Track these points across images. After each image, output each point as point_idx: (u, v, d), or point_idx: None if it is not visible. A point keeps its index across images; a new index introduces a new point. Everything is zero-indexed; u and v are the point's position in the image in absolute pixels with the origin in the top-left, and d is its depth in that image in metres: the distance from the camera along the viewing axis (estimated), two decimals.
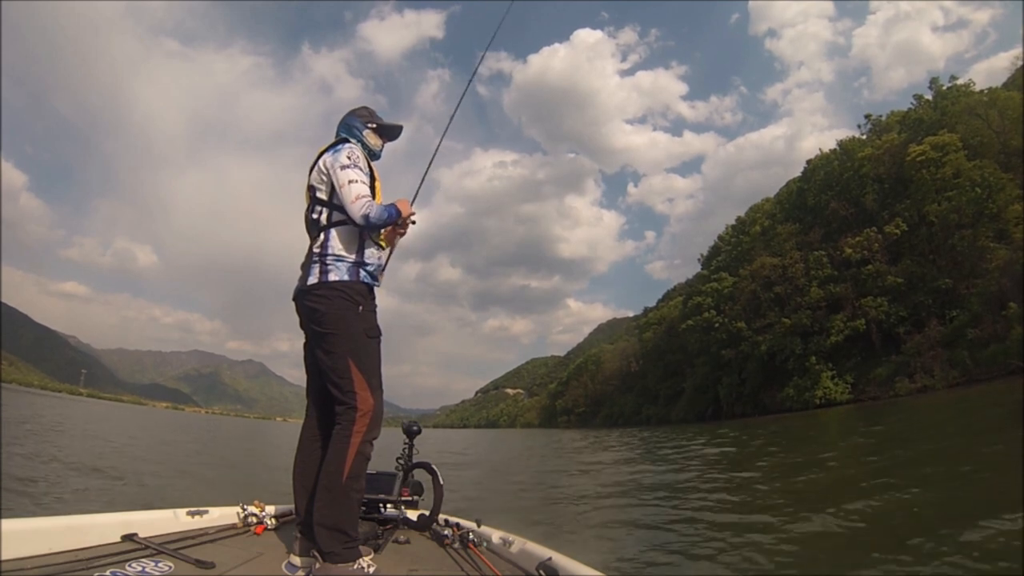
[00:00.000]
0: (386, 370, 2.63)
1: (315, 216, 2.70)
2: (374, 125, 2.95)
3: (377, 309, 2.71)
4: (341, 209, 2.59)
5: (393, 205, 2.67)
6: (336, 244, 2.61)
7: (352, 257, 2.61)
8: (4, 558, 1.98)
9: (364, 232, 2.65)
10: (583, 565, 2.42)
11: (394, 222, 2.68)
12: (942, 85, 57.19)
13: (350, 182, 2.54)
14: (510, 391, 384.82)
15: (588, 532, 8.16)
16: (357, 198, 2.51)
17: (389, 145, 3.11)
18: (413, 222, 2.93)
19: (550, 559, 2.47)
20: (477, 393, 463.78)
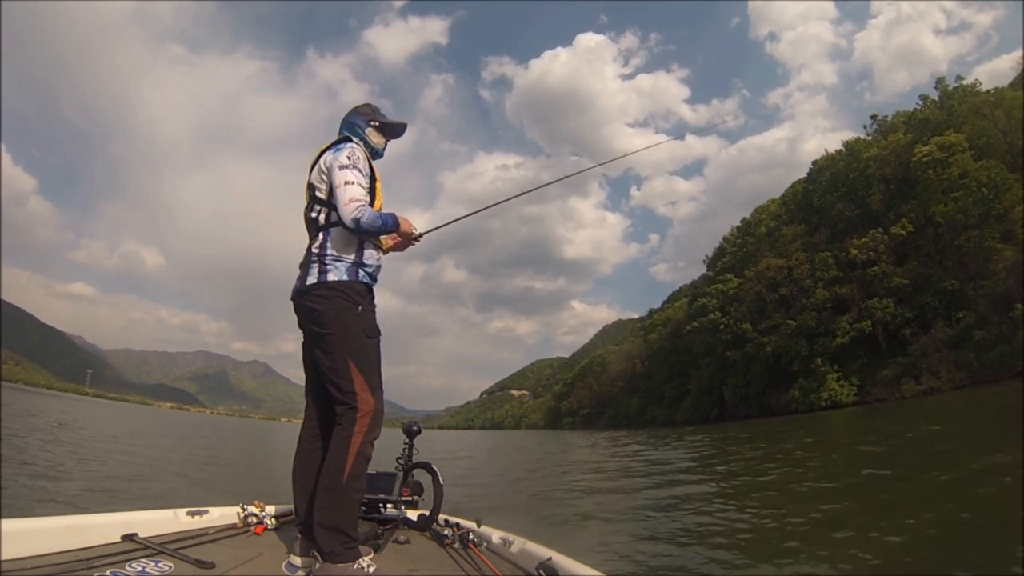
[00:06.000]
0: (391, 371, 2.62)
1: (314, 215, 2.68)
2: (377, 123, 2.92)
3: (377, 309, 2.69)
4: None
5: (392, 216, 2.64)
6: (335, 244, 2.60)
7: (351, 257, 2.59)
8: (4, 558, 1.99)
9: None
10: (583, 565, 2.41)
11: (388, 232, 2.66)
12: (948, 85, 56.98)
13: (346, 183, 2.53)
14: (515, 392, 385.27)
15: (588, 532, 8.15)
16: (350, 201, 2.49)
17: (394, 147, 3.09)
18: (417, 240, 2.91)
19: (550, 559, 2.46)
20: (482, 394, 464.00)
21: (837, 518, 7.68)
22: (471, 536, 2.90)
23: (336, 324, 2.50)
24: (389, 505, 3.30)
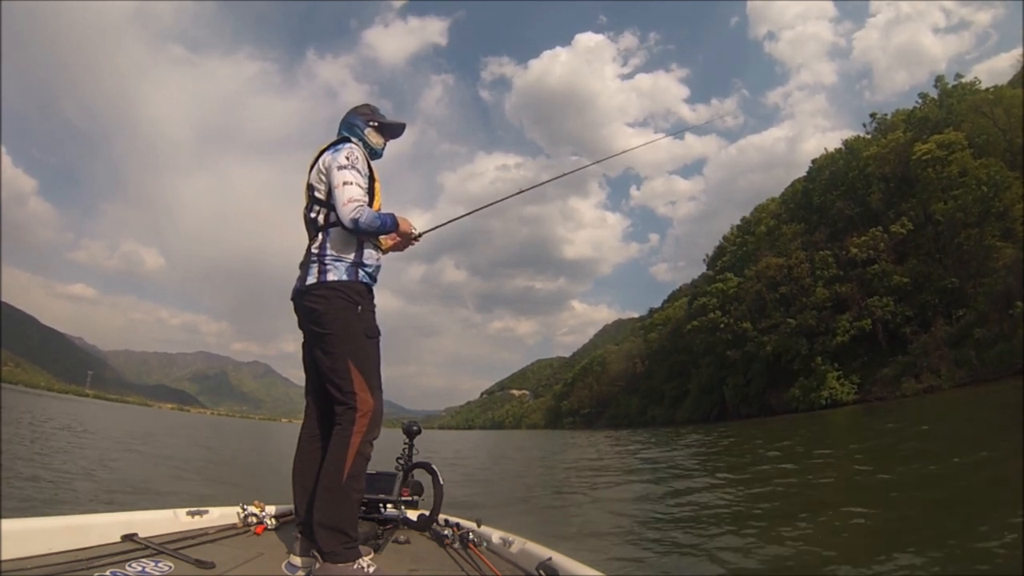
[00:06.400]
0: (392, 371, 2.62)
1: (313, 216, 2.69)
2: (376, 123, 2.93)
3: (377, 309, 2.70)
4: None
5: (391, 216, 2.65)
6: (335, 244, 2.60)
7: (351, 257, 2.60)
8: (4, 558, 1.99)
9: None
10: (583, 565, 2.41)
11: (387, 232, 2.66)
12: (947, 83, 56.98)
13: (345, 184, 2.53)
14: (515, 392, 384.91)
15: (589, 531, 8.15)
16: (349, 201, 2.49)
17: (394, 147, 3.09)
18: (417, 239, 2.92)
19: (550, 559, 2.46)
20: (482, 394, 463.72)
21: (836, 513, 7.70)
22: (471, 536, 2.90)
23: (336, 324, 2.50)
24: (389, 505, 3.30)
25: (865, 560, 5.62)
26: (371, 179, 2.70)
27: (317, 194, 2.68)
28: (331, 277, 2.54)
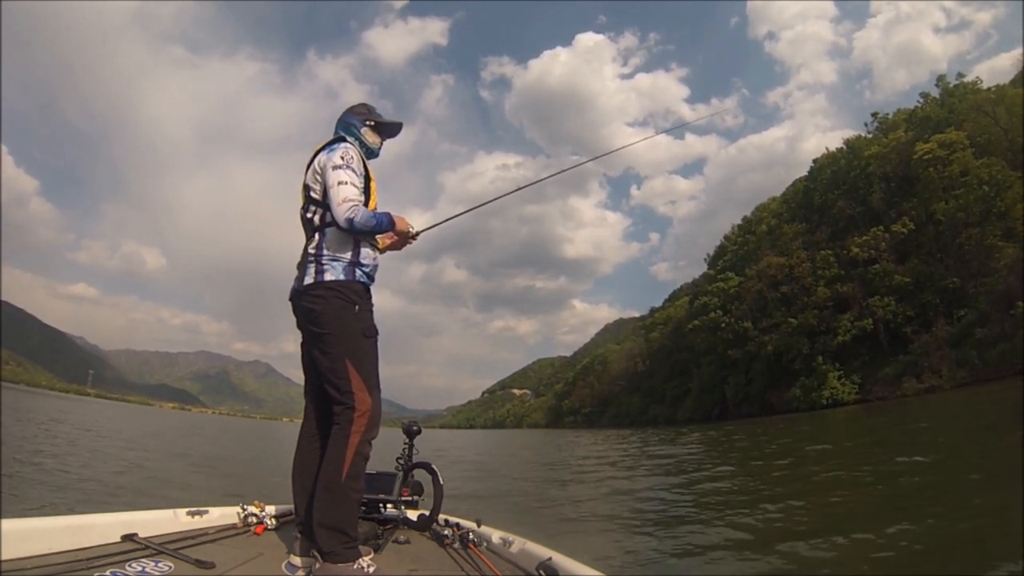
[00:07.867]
0: (393, 371, 2.57)
1: (309, 216, 2.68)
2: (372, 122, 2.91)
3: (376, 309, 2.70)
4: None
5: (387, 215, 2.64)
6: (331, 244, 2.59)
7: (348, 257, 2.59)
8: (4, 558, 1.99)
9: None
10: (583, 565, 2.41)
11: (382, 231, 2.66)
12: (949, 83, 56.97)
13: (340, 183, 2.52)
14: (516, 391, 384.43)
15: (589, 531, 8.14)
16: (344, 201, 2.48)
17: (393, 148, 3.08)
18: (414, 238, 2.92)
19: (550, 559, 2.46)
20: (483, 394, 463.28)
21: (838, 512, 7.70)
22: (471, 536, 2.90)
23: (334, 324, 2.50)
24: (389, 505, 3.30)
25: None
26: (367, 178, 2.70)
27: (313, 194, 2.67)
28: (328, 277, 2.54)
